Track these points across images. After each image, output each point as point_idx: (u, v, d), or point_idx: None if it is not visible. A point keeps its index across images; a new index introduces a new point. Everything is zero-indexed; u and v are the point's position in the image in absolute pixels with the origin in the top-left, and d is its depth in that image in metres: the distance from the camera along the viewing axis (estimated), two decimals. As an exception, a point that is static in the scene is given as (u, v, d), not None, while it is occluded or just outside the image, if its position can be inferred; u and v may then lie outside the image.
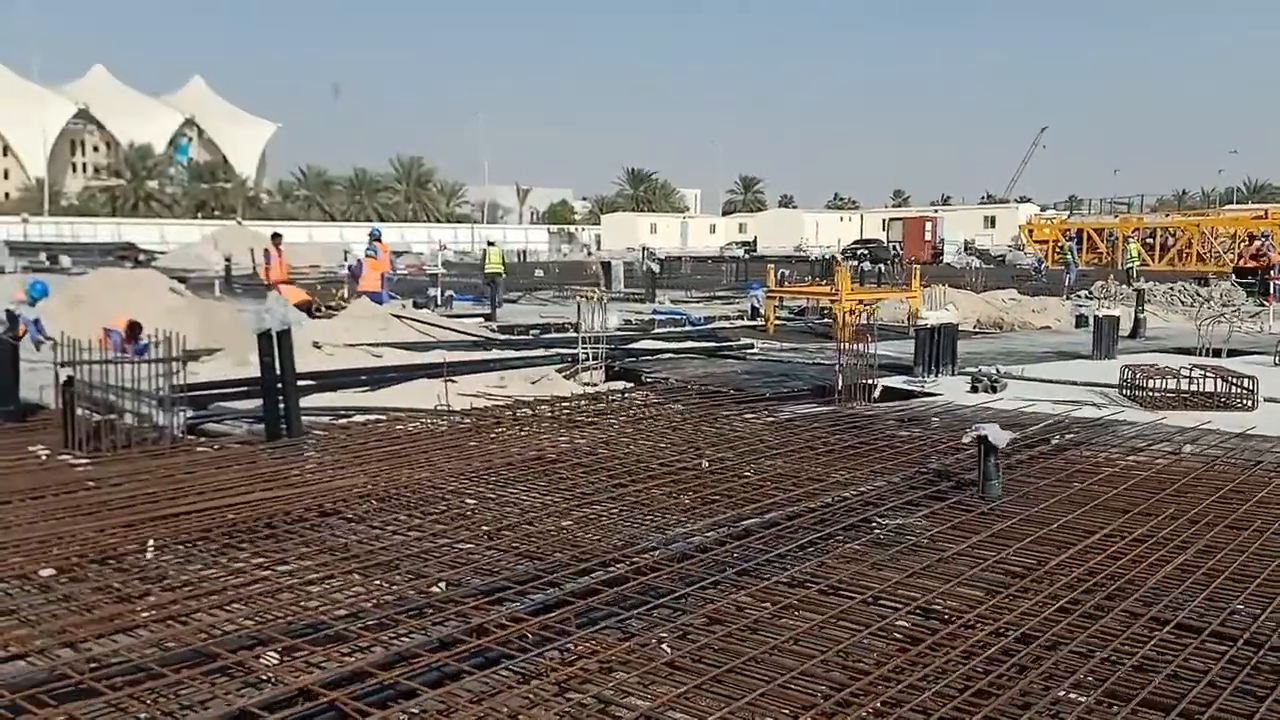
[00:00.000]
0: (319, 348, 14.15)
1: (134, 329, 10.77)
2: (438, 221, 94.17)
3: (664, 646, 4.33)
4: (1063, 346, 16.30)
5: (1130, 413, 10.02)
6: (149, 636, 4.33)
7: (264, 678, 3.96)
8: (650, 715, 3.58)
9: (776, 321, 20.07)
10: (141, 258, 43.50)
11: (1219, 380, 10.49)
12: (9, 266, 34.38)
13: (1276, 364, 13.30)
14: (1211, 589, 4.71)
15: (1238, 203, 73.81)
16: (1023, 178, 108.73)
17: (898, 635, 4.30)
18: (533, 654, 4.11)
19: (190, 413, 9.13)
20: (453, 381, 11.99)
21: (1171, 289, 25.34)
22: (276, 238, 21.77)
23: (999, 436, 6.15)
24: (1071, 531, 5.67)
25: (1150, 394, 10.59)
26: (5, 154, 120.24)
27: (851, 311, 14.38)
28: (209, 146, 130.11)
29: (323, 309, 19.51)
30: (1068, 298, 25.34)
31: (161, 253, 50.60)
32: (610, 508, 6.34)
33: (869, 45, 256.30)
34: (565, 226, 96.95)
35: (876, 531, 5.73)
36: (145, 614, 4.62)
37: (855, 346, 11.19)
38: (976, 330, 19.23)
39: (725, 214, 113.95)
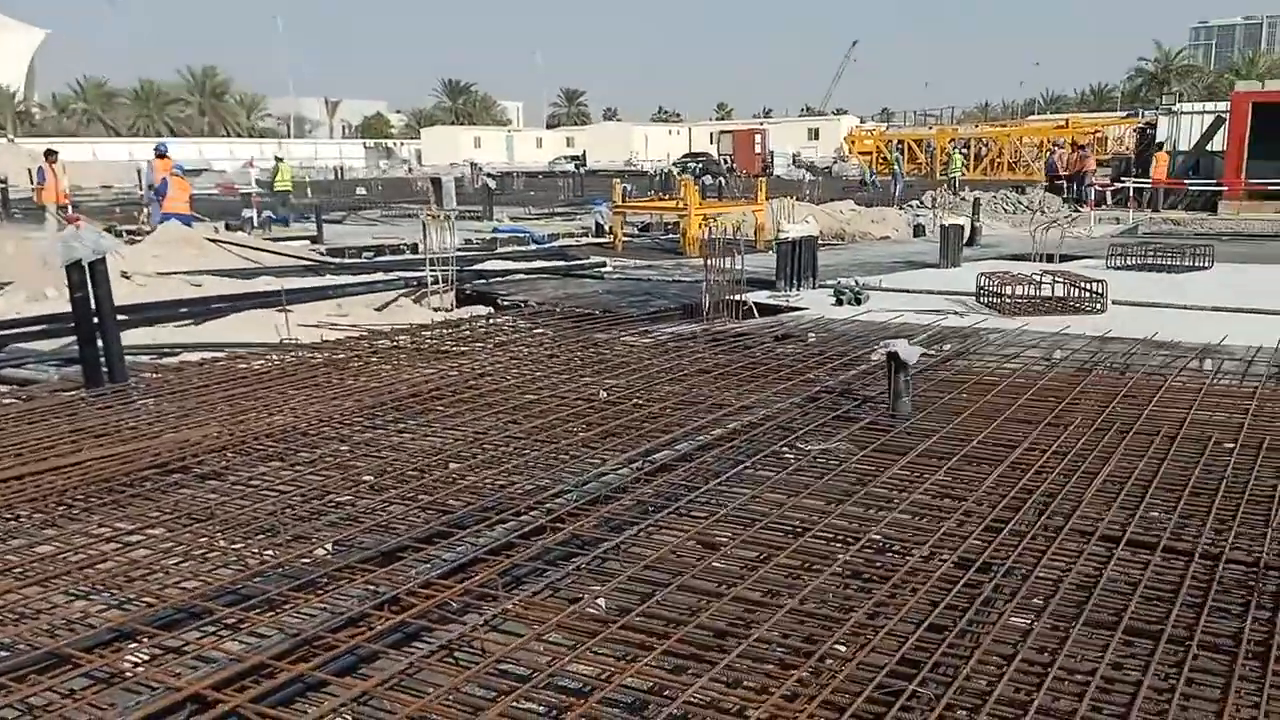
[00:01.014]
0: (128, 278, 12.76)
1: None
2: (239, 136, 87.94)
3: (599, 601, 3.91)
4: (910, 256, 16.61)
5: (993, 320, 10.18)
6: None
7: (140, 682, 3.29)
8: (612, 691, 3.14)
9: (624, 238, 19.61)
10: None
11: (1070, 285, 10.80)
12: None
13: (1108, 267, 13.96)
14: (1146, 500, 4.66)
15: (1038, 114, 78.07)
16: (838, 90, 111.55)
17: (850, 574, 4.01)
18: (464, 628, 3.59)
19: (-13, 358, 7.94)
20: (289, 311, 11.02)
21: (994, 197, 26.43)
22: (50, 155, 20.23)
23: (909, 353, 5.95)
24: (989, 447, 5.55)
25: (1007, 301, 10.80)
26: None
27: (706, 220, 14.07)
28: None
29: (124, 235, 17.79)
30: (900, 208, 26.02)
31: (-79, 175, 44.94)
32: (505, 447, 5.79)
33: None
34: (383, 141, 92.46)
35: (799, 460, 5.43)
36: (-28, 609, 3.82)
37: (723, 262, 10.88)
38: (821, 242, 19.36)
39: (550, 127, 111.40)
